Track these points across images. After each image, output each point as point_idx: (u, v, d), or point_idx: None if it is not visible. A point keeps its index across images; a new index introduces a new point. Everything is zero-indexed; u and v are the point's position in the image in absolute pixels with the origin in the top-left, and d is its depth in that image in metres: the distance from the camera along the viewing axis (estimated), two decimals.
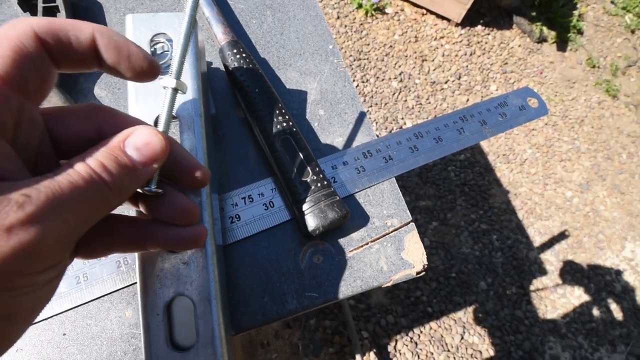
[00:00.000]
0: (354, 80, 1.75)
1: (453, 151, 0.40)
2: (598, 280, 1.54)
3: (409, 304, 1.33)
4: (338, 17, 1.90)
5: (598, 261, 1.59)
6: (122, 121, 0.20)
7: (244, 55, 0.37)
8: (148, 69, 0.20)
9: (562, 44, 2.15)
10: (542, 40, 2.11)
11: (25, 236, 0.14)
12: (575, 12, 2.25)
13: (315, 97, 0.40)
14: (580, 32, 2.22)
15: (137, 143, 0.18)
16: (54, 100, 0.34)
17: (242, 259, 0.32)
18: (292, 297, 0.32)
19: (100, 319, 0.30)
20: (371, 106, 1.71)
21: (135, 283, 0.30)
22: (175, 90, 0.22)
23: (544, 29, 2.11)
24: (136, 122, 0.20)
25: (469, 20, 1.99)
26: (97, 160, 0.17)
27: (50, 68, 0.17)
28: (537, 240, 1.57)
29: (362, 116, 0.40)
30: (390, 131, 1.66)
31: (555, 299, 1.47)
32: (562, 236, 1.61)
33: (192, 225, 0.22)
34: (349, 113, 0.40)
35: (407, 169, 0.38)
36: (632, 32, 2.29)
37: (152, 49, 0.29)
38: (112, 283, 0.30)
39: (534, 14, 2.12)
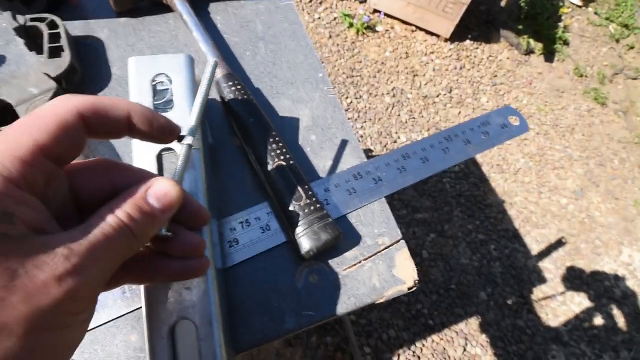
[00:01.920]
0: (347, 97, 1.79)
1: (439, 170, 0.42)
2: (597, 286, 1.55)
3: (410, 317, 1.33)
4: (330, 37, 1.96)
5: (596, 267, 1.60)
6: (131, 173, 0.22)
7: (238, 87, 0.40)
8: (171, 134, 0.23)
9: (549, 55, 2.21)
10: (529, 52, 2.16)
11: (72, 283, 0.16)
12: (561, 24, 2.32)
13: (307, 123, 0.42)
14: (566, 42, 2.28)
15: (157, 193, 0.20)
16: None
17: (241, 281, 0.34)
18: (290, 316, 0.33)
19: (106, 344, 0.31)
20: (365, 122, 1.75)
21: (139, 308, 0.32)
22: (190, 147, 0.24)
23: (531, 41, 2.18)
24: (142, 173, 0.23)
25: (458, 35, 2.05)
26: (124, 211, 0.19)
27: (84, 139, 0.20)
28: (535, 248, 1.59)
29: (351, 140, 0.42)
30: (385, 145, 1.69)
31: (555, 307, 1.48)
32: (559, 243, 1.62)
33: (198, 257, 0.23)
34: (339, 137, 0.42)
35: (396, 188, 0.40)
36: (617, 41, 2.35)
37: (153, 87, 0.31)
38: (117, 309, 0.32)
39: (520, 27, 2.19)
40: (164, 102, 0.30)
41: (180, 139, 0.24)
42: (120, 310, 0.32)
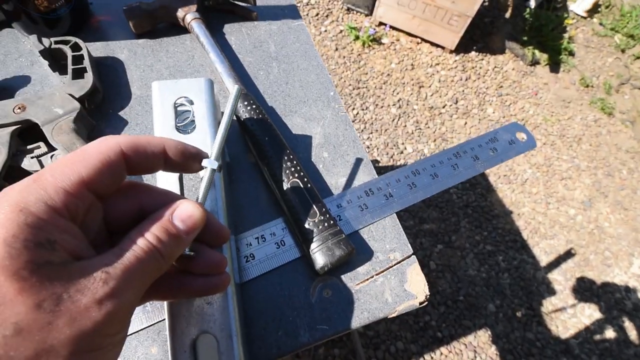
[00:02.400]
0: (354, 108, 1.81)
1: (449, 186, 0.43)
2: (608, 298, 1.53)
3: (418, 330, 1.33)
4: (336, 49, 1.99)
5: (606, 279, 1.58)
6: (157, 194, 0.23)
7: (253, 106, 0.41)
8: (200, 161, 0.25)
9: (554, 66, 2.22)
10: (535, 63, 2.18)
11: (111, 306, 0.17)
12: (566, 35, 2.34)
13: (320, 141, 0.44)
14: (571, 53, 2.29)
15: (182, 215, 0.22)
16: None
17: (257, 296, 0.35)
18: (305, 330, 0.34)
19: (128, 356, 0.32)
20: (372, 132, 1.76)
21: (160, 321, 0.33)
22: (214, 171, 0.25)
23: (536, 52, 2.19)
24: (168, 194, 0.24)
25: (463, 47, 2.07)
26: (153, 234, 0.20)
27: (124, 175, 0.21)
28: (544, 259, 1.58)
29: (362, 157, 0.43)
30: (392, 156, 1.70)
31: (566, 319, 1.46)
32: (568, 255, 1.61)
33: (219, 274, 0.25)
34: (351, 154, 0.43)
35: (406, 204, 0.41)
36: (623, 51, 2.36)
37: (176, 110, 0.33)
38: (139, 322, 0.33)
39: (525, 38, 2.20)
40: (186, 124, 0.32)
41: None
42: (141, 324, 0.33)
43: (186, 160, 0.24)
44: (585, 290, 1.53)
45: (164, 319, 0.33)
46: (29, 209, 0.17)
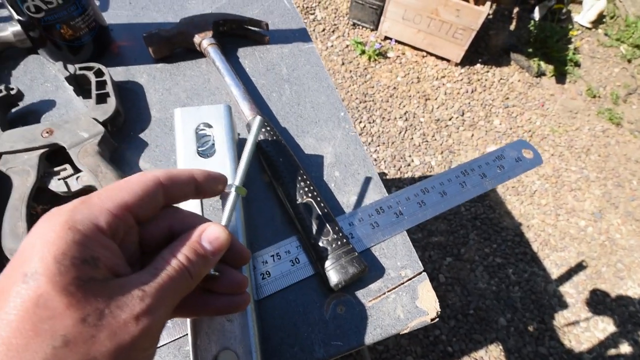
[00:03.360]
0: (360, 122, 1.83)
1: (458, 204, 0.44)
2: (622, 311, 1.51)
3: (428, 344, 1.32)
4: (343, 64, 2.02)
5: (620, 291, 1.56)
6: (184, 217, 0.25)
7: (268, 128, 0.43)
8: (224, 185, 0.27)
9: (560, 77, 2.23)
10: (540, 74, 2.19)
11: (147, 322, 0.19)
12: (571, 46, 2.35)
13: (331, 160, 0.45)
14: (577, 64, 2.30)
15: (210, 237, 0.23)
16: (109, 175, 0.39)
17: (273, 312, 0.36)
18: (319, 346, 0.35)
19: None
20: (379, 145, 1.78)
21: (181, 337, 0.34)
22: (239, 196, 0.27)
23: (542, 63, 2.20)
24: (195, 216, 0.26)
25: (468, 59, 2.09)
26: (184, 254, 0.22)
27: (161, 202, 0.23)
28: (555, 272, 1.56)
29: (372, 175, 0.45)
30: (399, 169, 1.71)
31: (579, 333, 1.44)
32: (579, 267, 1.59)
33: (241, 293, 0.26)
34: (361, 173, 0.45)
35: (416, 222, 0.42)
36: (629, 61, 2.36)
37: (197, 135, 0.34)
38: (160, 338, 0.34)
39: (530, 50, 2.22)
40: (207, 149, 0.34)
41: None
42: (163, 340, 0.34)
43: (213, 185, 0.26)
44: (598, 303, 1.51)
45: (185, 335, 0.34)
46: (76, 227, 0.18)
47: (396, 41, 2.11)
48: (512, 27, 2.34)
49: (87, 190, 0.40)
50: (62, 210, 0.19)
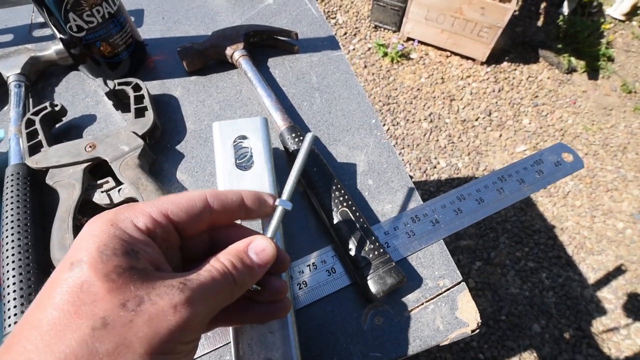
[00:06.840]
0: (384, 124, 1.82)
1: (495, 211, 0.43)
2: None
3: (459, 351, 1.29)
4: (365, 66, 2.01)
5: None
6: (228, 228, 0.26)
7: (301, 137, 0.43)
8: (271, 206, 0.27)
9: (592, 73, 2.14)
10: (571, 70, 2.11)
11: (185, 313, 0.19)
12: (603, 40, 2.25)
13: (364, 169, 0.45)
14: (610, 59, 2.20)
15: (256, 249, 0.24)
16: (149, 188, 0.41)
17: (310, 322, 0.36)
18: (358, 357, 0.35)
19: None
20: (403, 148, 1.76)
21: (222, 346, 0.35)
22: (285, 210, 0.27)
23: (572, 59, 2.12)
24: (239, 228, 0.26)
25: (494, 58, 2.04)
26: (229, 260, 0.22)
27: (205, 221, 0.24)
28: (591, 276, 1.49)
29: (407, 183, 0.44)
30: (425, 171, 1.69)
31: (619, 341, 1.37)
32: (618, 271, 1.52)
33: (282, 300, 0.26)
34: (395, 181, 0.44)
35: (453, 230, 0.41)
36: None
37: (235, 148, 0.35)
38: (201, 347, 0.35)
39: (559, 46, 2.14)
40: (244, 161, 0.34)
41: None
42: (204, 349, 0.35)
43: (262, 207, 0.26)
44: (639, 309, 1.43)
45: (225, 344, 0.35)
46: (118, 224, 0.20)
47: (419, 42, 2.08)
48: (539, 22, 2.27)
49: (129, 202, 0.42)
50: (109, 212, 0.21)
